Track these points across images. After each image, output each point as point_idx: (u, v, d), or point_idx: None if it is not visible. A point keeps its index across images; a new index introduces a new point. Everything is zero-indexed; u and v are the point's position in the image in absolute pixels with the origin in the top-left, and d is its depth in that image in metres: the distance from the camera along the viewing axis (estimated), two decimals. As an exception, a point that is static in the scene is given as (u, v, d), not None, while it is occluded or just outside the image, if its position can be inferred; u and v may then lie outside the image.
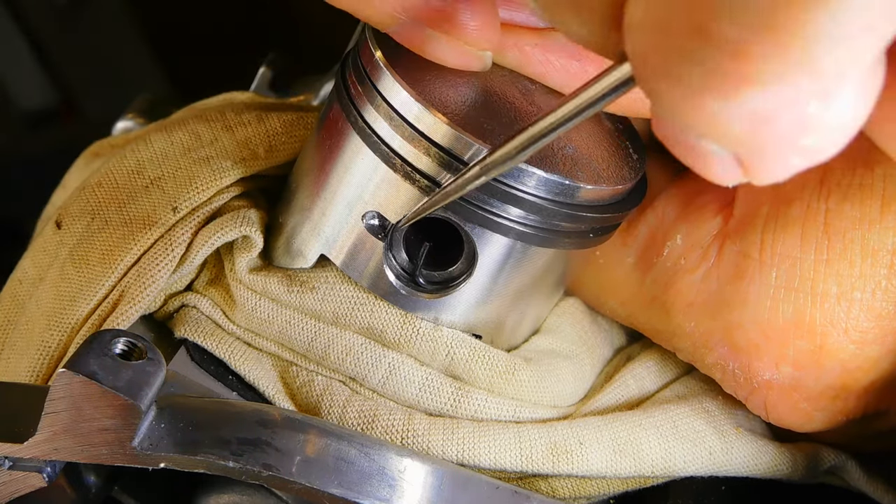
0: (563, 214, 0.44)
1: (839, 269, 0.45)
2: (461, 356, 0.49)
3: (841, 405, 0.49)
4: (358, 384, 0.50)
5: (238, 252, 0.51)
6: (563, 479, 0.50)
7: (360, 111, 0.45)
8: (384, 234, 0.46)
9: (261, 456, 0.41)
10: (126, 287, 0.49)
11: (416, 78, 0.43)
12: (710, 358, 0.50)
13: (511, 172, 0.42)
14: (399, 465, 0.43)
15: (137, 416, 0.40)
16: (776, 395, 0.49)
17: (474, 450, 0.48)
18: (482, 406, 0.49)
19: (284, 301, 0.50)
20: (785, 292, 0.46)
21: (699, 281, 0.49)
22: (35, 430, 0.40)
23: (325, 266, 0.50)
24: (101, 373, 0.39)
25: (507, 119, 0.44)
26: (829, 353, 0.46)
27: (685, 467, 0.51)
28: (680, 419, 0.51)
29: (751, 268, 0.47)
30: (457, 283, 0.47)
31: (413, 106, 0.42)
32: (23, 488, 0.43)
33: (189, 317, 0.51)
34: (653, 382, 0.55)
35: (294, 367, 0.50)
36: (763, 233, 0.47)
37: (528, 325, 0.53)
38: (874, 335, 0.46)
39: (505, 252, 0.46)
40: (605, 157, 0.46)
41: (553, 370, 0.52)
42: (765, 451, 0.52)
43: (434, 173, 0.43)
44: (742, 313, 0.47)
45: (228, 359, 0.50)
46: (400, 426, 0.48)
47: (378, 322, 0.49)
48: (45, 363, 0.49)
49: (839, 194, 0.45)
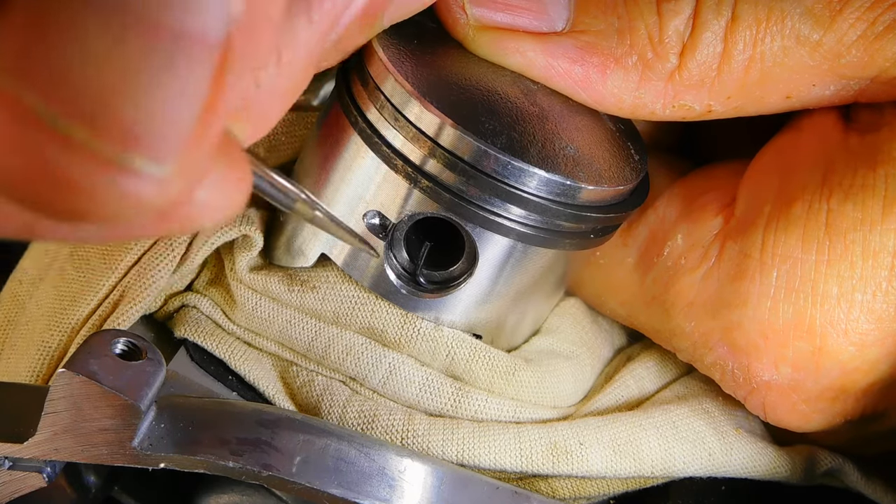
0: (565, 215, 0.44)
1: (840, 270, 0.45)
2: (462, 356, 0.49)
3: (840, 407, 0.49)
4: (358, 384, 0.50)
5: (238, 251, 0.51)
6: (563, 479, 0.50)
7: (361, 111, 0.45)
8: (385, 234, 0.46)
9: (261, 456, 0.41)
10: (126, 287, 0.49)
11: (418, 78, 0.43)
12: (710, 358, 0.50)
13: (512, 172, 0.42)
14: (399, 465, 0.43)
15: (137, 416, 0.40)
16: (775, 396, 0.49)
17: (474, 450, 0.48)
18: (482, 406, 0.49)
19: (285, 300, 0.50)
20: (785, 293, 0.46)
21: (699, 281, 0.49)
22: (35, 430, 0.40)
23: (325, 265, 0.50)
24: (102, 373, 0.39)
25: (509, 119, 0.44)
26: (828, 355, 0.46)
27: (685, 468, 0.51)
28: (680, 420, 0.51)
29: (751, 268, 0.47)
30: (457, 282, 0.47)
31: (414, 106, 0.42)
32: (23, 488, 0.43)
33: (189, 317, 0.51)
34: (653, 383, 0.55)
35: (294, 367, 0.50)
36: (764, 233, 0.47)
37: (529, 325, 0.53)
38: (874, 337, 0.46)
39: (506, 252, 0.46)
40: (607, 157, 0.46)
41: (553, 371, 0.52)
42: (764, 453, 0.52)
43: (436, 173, 0.43)
44: (742, 313, 0.47)
45: (228, 359, 0.50)
46: (400, 426, 0.48)
47: (378, 322, 0.49)
48: (46, 363, 0.49)
49: (841, 195, 0.45)
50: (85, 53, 0.21)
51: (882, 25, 0.44)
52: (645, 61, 0.45)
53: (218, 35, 0.23)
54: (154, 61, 0.22)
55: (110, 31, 0.21)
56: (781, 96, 0.47)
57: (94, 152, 0.22)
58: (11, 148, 0.22)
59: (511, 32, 0.45)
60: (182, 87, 0.23)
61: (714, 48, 0.45)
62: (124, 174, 0.23)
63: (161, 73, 0.22)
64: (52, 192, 0.23)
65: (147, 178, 0.23)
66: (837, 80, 0.46)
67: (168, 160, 0.23)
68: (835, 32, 0.44)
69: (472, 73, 0.45)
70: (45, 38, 0.21)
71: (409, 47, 0.45)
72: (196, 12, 0.22)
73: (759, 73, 0.45)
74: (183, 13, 0.22)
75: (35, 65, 0.21)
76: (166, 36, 0.22)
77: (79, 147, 0.22)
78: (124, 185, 0.23)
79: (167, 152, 0.23)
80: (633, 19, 0.45)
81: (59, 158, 0.22)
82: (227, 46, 0.23)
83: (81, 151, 0.22)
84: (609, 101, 0.46)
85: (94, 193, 0.23)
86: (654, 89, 0.46)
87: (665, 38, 0.45)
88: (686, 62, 0.45)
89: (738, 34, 0.45)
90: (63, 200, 0.23)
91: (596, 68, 0.45)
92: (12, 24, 0.21)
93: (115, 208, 0.23)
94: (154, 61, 0.22)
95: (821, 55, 0.45)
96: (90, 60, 0.22)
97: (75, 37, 0.21)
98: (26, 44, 0.21)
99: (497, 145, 0.42)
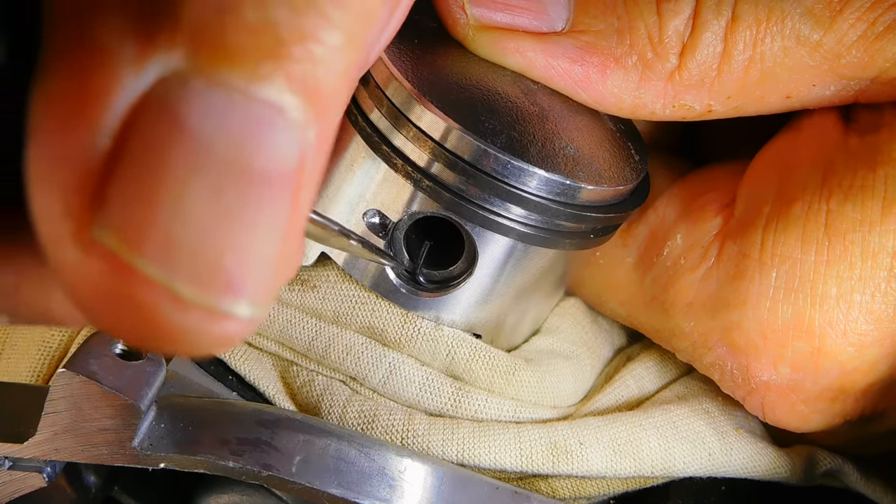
0: (565, 215, 0.44)
1: (839, 270, 0.45)
2: (462, 356, 0.49)
3: (839, 407, 0.49)
4: (358, 384, 0.50)
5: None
6: (563, 479, 0.50)
7: (362, 111, 0.45)
8: (385, 233, 0.46)
9: (261, 456, 0.41)
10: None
11: (419, 77, 0.43)
12: (709, 358, 0.50)
13: (512, 172, 0.42)
14: (399, 465, 0.43)
15: (137, 416, 0.40)
16: (774, 396, 0.49)
17: (474, 450, 0.48)
18: (482, 406, 0.49)
19: (285, 300, 0.50)
20: (784, 293, 0.46)
21: (699, 281, 0.49)
22: (35, 430, 0.40)
23: (325, 265, 0.50)
24: (102, 373, 0.39)
25: (509, 119, 0.44)
26: (827, 355, 0.46)
27: (685, 468, 0.51)
28: (680, 420, 0.51)
29: (751, 268, 0.47)
30: (457, 282, 0.47)
31: (415, 105, 0.42)
32: (23, 488, 0.43)
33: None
34: (653, 383, 0.55)
35: (294, 367, 0.50)
36: (764, 233, 0.47)
37: (529, 325, 0.53)
38: (873, 338, 0.46)
39: (506, 252, 0.46)
40: (607, 157, 0.46)
41: (553, 370, 0.52)
42: (764, 453, 0.52)
43: (436, 173, 0.43)
44: (741, 313, 0.47)
45: (228, 358, 0.50)
46: (400, 426, 0.48)
47: (379, 321, 0.49)
48: (46, 363, 0.49)
49: (840, 195, 0.45)
50: (190, 211, 0.22)
51: (882, 26, 0.44)
52: (645, 61, 0.45)
53: (294, 163, 0.23)
54: (248, 206, 0.22)
55: (208, 185, 0.22)
56: (781, 96, 0.47)
57: (201, 306, 0.22)
58: (122, 305, 0.22)
59: (511, 32, 0.45)
60: (271, 224, 0.23)
61: (714, 48, 0.45)
62: (224, 320, 0.23)
63: (253, 216, 0.22)
64: (144, 334, 0.23)
65: (241, 320, 0.23)
66: (837, 80, 0.46)
67: (263, 298, 0.23)
68: (835, 33, 0.44)
69: (472, 73, 0.45)
70: (149, 200, 0.22)
71: (410, 47, 0.45)
72: (276, 146, 0.22)
73: (759, 73, 0.45)
74: (266, 151, 0.22)
75: (152, 236, 0.22)
76: (257, 179, 0.22)
77: (185, 302, 0.22)
78: (222, 329, 0.23)
79: (263, 291, 0.23)
80: (632, 19, 0.45)
81: (163, 311, 0.22)
82: (301, 169, 0.23)
83: (188, 306, 0.22)
84: (609, 101, 0.46)
85: (191, 338, 0.23)
86: (654, 89, 0.46)
87: (665, 39, 0.45)
88: (686, 62, 0.45)
89: (739, 34, 0.45)
90: (153, 341, 0.23)
91: (596, 68, 0.45)
92: (118, 187, 0.22)
93: (205, 347, 0.24)
94: (248, 206, 0.22)
95: (821, 55, 0.45)
96: (195, 218, 0.22)
97: (178, 196, 0.22)
98: (130, 206, 0.22)
99: (497, 145, 0.42)
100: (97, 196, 0.22)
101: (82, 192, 0.22)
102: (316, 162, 0.24)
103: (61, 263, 0.22)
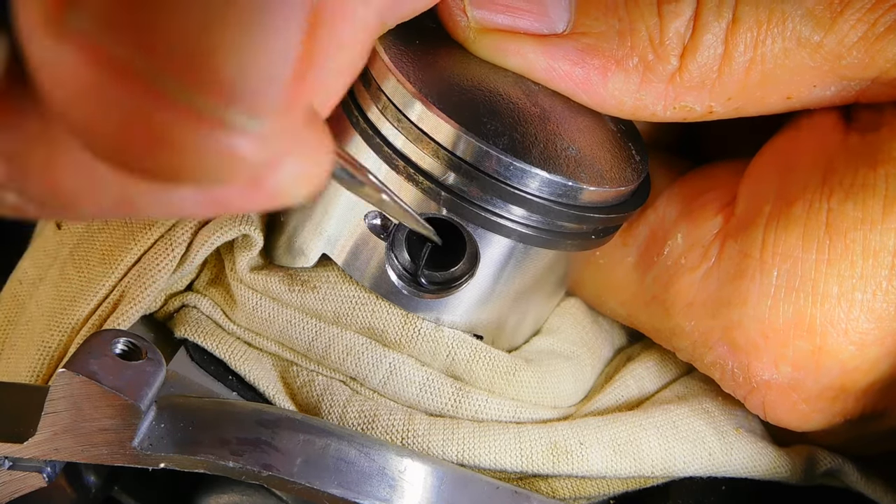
0: (566, 216, 0.44)
1: (840, 269, 0.45)
2: (462, 356, 0.49)
3: (840, 406, 0.49)
4: (358, 384, 0.50)
5: (238, 251, 0.51)
6: (563, 479, 0.50)
7: (362, 111, 0.45)
8: (386, 234, 0.46)
9: (261, 456, 0.41)
10: (126, 287, 0.49)
11: (420, 79, 0.43)
12: (710, 357, 0.50)
13: (514, 173, 0.42)
14: (399, 465, 0.43)
15: (137, 416, 0.40)
16: (775, 395, 0.49)
17: (474, 450, 0.48)
18: (483, 406, 0.49)
19: (285, 300, 0.50)
20: (785, 292, 0.46)
21: (699, 280, 0.49)
22: (35, 430, 0.40)
23: (326, 265, 0.50)
24: (102, 373, 0.39)
25: (511, 120, 0.44)
26: (828, 354, 0.46)
27: (685, 468, 0.51)
28: (680, 420, 0.51)
29: (751, 267, 0.47)
30: (458, 283, 0.47)
31: (416, 106, 0.42)
32: (23, 488, 0.43)
33: (189, 317, 0.51)
34: (653, 383, 0.55)
35: (294, 367, 0.50)
36: (764, 232, 0.47)
37: (529, 325, 0.53)
38: (874, 336, 0.46)
39: (507, 253, 0.46)
40: (608, 158, 0.46)
41: (554, 371, 0.52)
42: (764, 453, 0.52)
43: (437, 174, 0.43)
44: (742, 313, 0.47)
45: (228, 359, 0.50)
46: (400, 426, 0.48)
47: (379, 322, 0.49)
48: (46, 363, 0.49)
49: (841, 194, 0.45)
50: (184, 6, 0.21)
51: (883, 27, 0.44)
52: (646, 63, 0.45)
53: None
54: (252, 14, 0.22)
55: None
56: (782, 97, 0.47)
57: (194, 107, 0.22)
58: (106, 104, 0.21)
59: (512, 34, 0.45)
60: (279, 41, 0.22)
61: (715, 50, 0.45)
62: (224, 129, 0.22)
63: (259, 25, 0.22)
64: (149, 149, 0.22)
65: (245, 134, 0.23)
66: (838, 81, 0.46)
67: (267, 115, 0.23)
68: (835, 34, 0.44)
69: (473, 74, 0.45)
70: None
71: (411, 48, 0.45)
72: None
73: (759, 74, 0.45)
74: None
75: (133, 20, 0.21)
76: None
77: (178, 102, 0.21)
78: (224, 141, 0.22)
79: (267, 107, 0.23)
80: (633, 21, 0.45)
81: (158, 114, 0.21)
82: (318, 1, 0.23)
83: (181, 107, 0.22)
84: (610, 102, 0.46)
85: (192, 149, 0.22)
86: (655, 91, 0.46)
87: (666, 40, 0.45)
88: (687, 64, 0.45)
89: (739, 36, 0.45)
90: (160, 157, 0.22)
91: (597, 70, 0.45)
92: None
93: (214, 165, 0.23)
94: (252, 14, 0.22)
95: (821, 56, 0.45)
96: (189, 13, 0.21)
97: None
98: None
99: (499, 146, 0.42)
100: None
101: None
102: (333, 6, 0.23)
103: (39, 61, 0.21)
